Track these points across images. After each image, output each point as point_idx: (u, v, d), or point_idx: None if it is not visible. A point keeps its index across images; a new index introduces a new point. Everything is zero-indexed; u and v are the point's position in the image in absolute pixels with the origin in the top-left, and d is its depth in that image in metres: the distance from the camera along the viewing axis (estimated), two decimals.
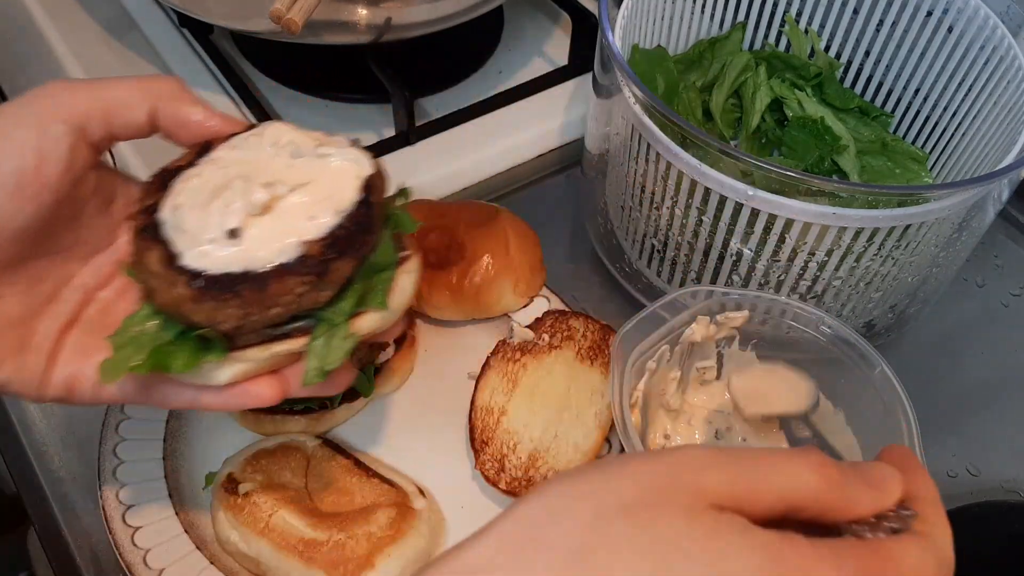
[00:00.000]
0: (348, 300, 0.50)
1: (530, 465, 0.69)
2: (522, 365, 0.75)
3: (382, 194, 0.53)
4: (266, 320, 0.49)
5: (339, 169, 0.51)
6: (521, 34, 1.09)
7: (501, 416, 0.72)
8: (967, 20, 0.82)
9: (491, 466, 0.69)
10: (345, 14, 0.84)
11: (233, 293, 0.47)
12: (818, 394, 0.70)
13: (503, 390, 0.73)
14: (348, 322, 0.51)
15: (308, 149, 0.52)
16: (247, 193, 0.49)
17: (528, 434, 0.71)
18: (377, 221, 0.52)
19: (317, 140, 0.53)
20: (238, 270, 0.47)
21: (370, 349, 0.74)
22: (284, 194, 0.50)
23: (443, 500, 0.70)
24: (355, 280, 0.51)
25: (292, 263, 0.48)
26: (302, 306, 0.49)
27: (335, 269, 0.49)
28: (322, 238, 0.48)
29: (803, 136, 0.86)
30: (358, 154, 0.53)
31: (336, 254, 0.48)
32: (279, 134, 0.53)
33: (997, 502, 0.76)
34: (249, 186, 0.49)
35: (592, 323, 0.78)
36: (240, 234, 0.48)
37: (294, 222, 0.49)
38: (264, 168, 0.51)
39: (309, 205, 0.49)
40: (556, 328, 0.78)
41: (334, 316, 0.50)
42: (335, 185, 0.50)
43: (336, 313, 0.50)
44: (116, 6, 1.06)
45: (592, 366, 0.75)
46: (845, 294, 0.75)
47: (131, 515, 0.66)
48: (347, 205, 0.50)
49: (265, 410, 0.71)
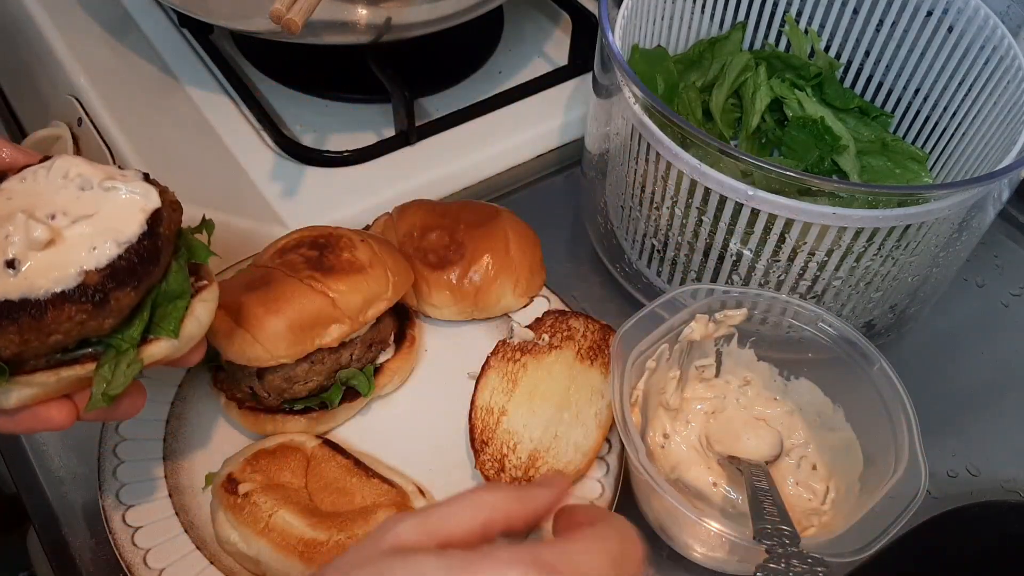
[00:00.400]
0: (135, 328, 0.53)
1: (530, 465, 0.69)
2: (522, 365, 0.75)
3: (172, 225, 0.55)
4: (47, 347, 0.51)
5: (125, 202, 0.54)
6: (521, 34, 1.09)
7: (501, 416, 0.72)
8: (967, 20, 0.82)
9: (491, 466, 0.69)
10: (345, 14, 0.84)
11: (11, 320, 0.50)
12: (780, 449, 0.72)
13: (503, 390, 0.73)
14: (136, 349, 0.54)
15: (96, 182, 0.54)
16: (28, 227, 0.51)
17: (528, 434, 0.71)
18: (163, 251, 0.54)
19: (106, 174, 0.55)
20: (16, 298, 0.50)
21: (369, 348, 0.74)
22: (67, 225, 0.52)
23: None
24: (143, 308, 0.54)
25: (70, 291, 0.50)
26: (85, 333, 0.52)
27: (116, 298, 0.51)
28: (102, 268, 0.51)
29: (803, 136, 0.86)
30: (146, 188, 0.55)
31: (116, 284, 0.51)
32: (68, 166, 0.55)
33: (997, 502, 0.76)
34: (30, 220, 0.51)
35: (592, 323, 0.78)
36: (18, 265, 0.50)
37: (76, 252, 0.51)
38: (50, 200, 0.53)
39: (91, 236, 0.52)
40: (556, 328, 0.78)
41: (121, 343, 0.53)
42: (119, 217, 0.53)
43: (123, 340, 0.53)
44: (116, 6, 1.06)
45: (592, 366, 0.75)
46: (845, 294, 0.75)
47: (131, 515, 0.66)
48: (130, 236, 0.52)
49: (265, 410, 0.71)
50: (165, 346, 0.55)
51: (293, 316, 0.68)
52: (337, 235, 0.75)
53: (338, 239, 0.74)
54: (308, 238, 0.74)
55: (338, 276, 0.71)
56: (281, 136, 0.92)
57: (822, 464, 0.71)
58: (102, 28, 1.03)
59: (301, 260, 0.72)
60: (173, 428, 0.72)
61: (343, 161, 0.91)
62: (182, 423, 0.73)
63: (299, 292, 0.69)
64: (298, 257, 0.72)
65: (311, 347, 0.70)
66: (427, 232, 0.80)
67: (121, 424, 0.71)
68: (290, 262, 0.72)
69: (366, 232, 0.79)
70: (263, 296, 0.69)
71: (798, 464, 0.72)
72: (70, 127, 0.93)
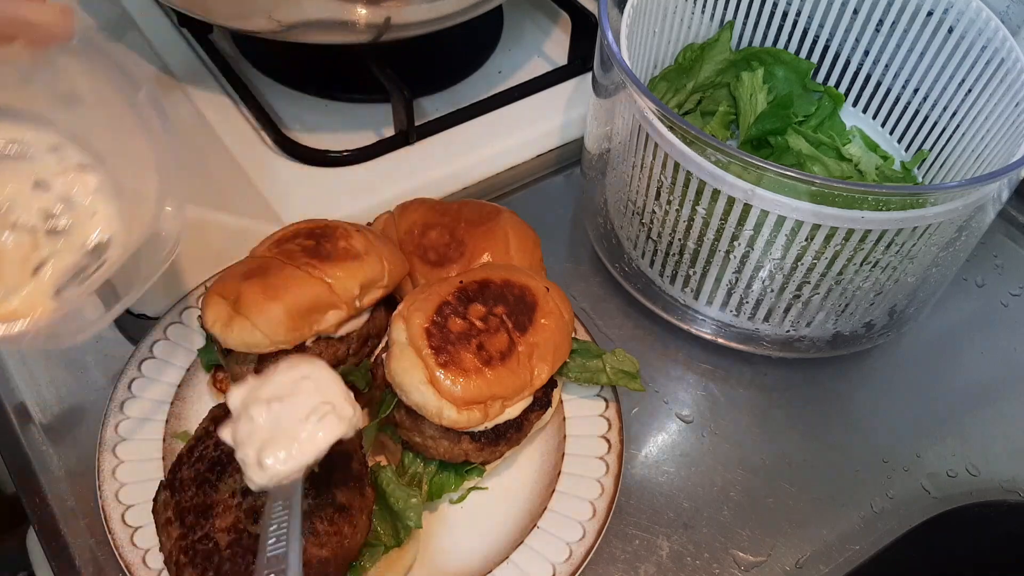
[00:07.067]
0: None
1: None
2: None
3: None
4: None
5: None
6: (521, 34, 1.09)
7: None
8: (967, 20, 0.82)
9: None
10: (345, 13, 0.84)
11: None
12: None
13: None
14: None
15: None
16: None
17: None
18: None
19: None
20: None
21: (365, 343, 0.74)
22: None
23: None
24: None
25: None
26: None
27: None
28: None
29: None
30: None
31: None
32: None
33: (997, 502, 0.76)
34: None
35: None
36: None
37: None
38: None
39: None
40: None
41: None
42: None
43: None
44: (116, 6, 1.06)
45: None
46: (848, 294, 0.74)
47: (131, 515, 0.66)
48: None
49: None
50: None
51: (291, 302, 0.68)
52: (333, 225, 0.75)
53: (334, 229, 0.74)
54: (305, 229, 0.75)
55: (335, 263, 0.71)
56: (281, 136, 0.92)
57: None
58: (101, 28, 1.03)
59: (298, 249, 0.72)
60: (173, 428, 0.72)
61: (343, 161, 0.91)
62: (182, 423, 0.73)
63: (297, 279, 0.69)
64: (295, 246, 0.73)
65: (309, 333, 0.70)
66: (427, 230, 0.80)
67: (121, 424, 0.71)
68: (287, 251, 0.72)
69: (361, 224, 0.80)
70: (261, 283, 0.69)
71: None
72: None
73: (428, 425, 0.66)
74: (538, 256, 0.83)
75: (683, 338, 0.83)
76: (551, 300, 0.71)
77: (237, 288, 0.69)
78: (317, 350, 0.71)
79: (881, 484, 0.76)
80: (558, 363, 0.70)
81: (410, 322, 0.67)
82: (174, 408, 0.73)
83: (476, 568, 0.66)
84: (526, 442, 0.71)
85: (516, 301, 0.69)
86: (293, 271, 0.70)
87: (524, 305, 0.70)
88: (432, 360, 0.65)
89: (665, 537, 0.72)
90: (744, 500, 0.74)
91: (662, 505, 0.74)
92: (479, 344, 0.66)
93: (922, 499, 0.76)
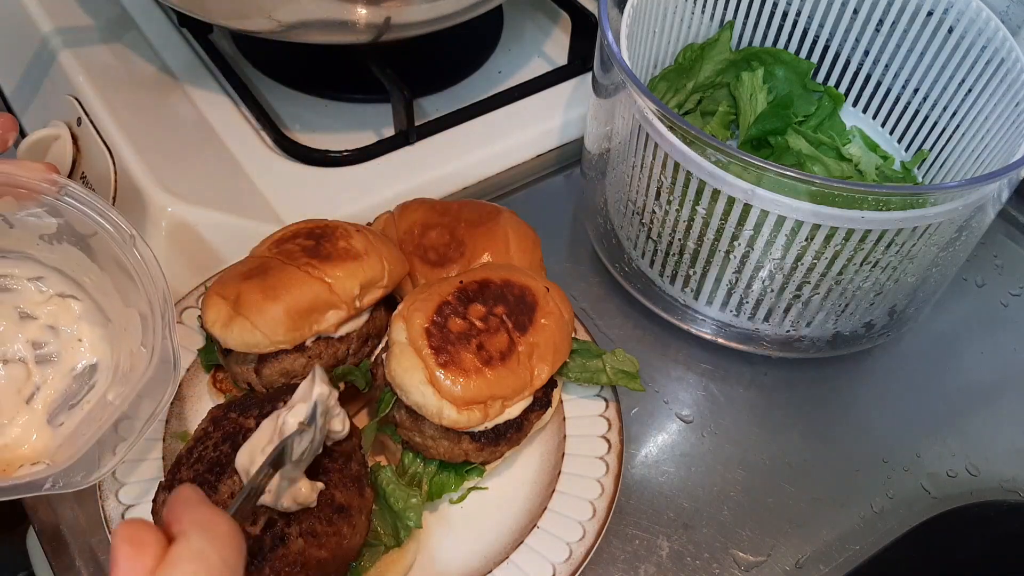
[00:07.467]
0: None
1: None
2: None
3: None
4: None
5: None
6: (521, 34, 1.09)
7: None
8: (967, 20, 0.82)
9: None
10: (345, 13, 0.83)
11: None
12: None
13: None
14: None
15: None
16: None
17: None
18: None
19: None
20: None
21: (365, 343, 0.74)
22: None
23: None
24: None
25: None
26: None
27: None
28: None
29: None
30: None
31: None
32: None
33: (997, 502, 0.76)
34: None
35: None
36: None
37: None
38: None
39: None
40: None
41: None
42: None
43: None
44: (116, 6, 1.06)
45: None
46: (847, 294, 0.75)
47: (131, 515, 0.66)
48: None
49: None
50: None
51: (291, 302, 0.68)
52: (333, 225, 0.75)
53: (334, 229, 0.74)
54: (304, 229, 0.75)
55: (334, 263, 0.71)
56: (281, 136, 0.92)
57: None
58: (102, 28, 1.03)
59: (298, 249, 0.72)
60: (173, 428, 0.72)
61: (343, 161, 0.91)
62: (182, 423, 0.73)
63: (296, 278, 0.69)
64: (295, 246, 0.72)
65: (309, 333, 0.70)
66: (427, 230, 0.80)
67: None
68: (287, 251, 0.72)
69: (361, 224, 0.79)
70: (261, 283, 0.69)
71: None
72: (70, 127, 0.93)
73: (428, 425, 0.66)
74: (538, 256, 0.83)
75: (683, 338, 0.83)
76: (551, 300, 0.71)
77: (237, 288, 0.69)
78: (317, 350, 0.71)
79: (881, 484, 0.76)
80: (558, 363, 0.70)
81: (410, 322, 0.67)
82: (174, 408, 0.73)
83: (476, 568, 0.66)
84: (526, 442, 0.71)
85: (516, 301, 0.69)
86: (293, 271, 0.70)
87: (524, 305, 0.69)
88: (432, 360, 0.65)
89: (665, 537, 0.72)
90: (744, 500, 0.74)
91: (662, 505, 0.74)
92: (479, 344, 0.66)
93: (922, 499, 0.76)
